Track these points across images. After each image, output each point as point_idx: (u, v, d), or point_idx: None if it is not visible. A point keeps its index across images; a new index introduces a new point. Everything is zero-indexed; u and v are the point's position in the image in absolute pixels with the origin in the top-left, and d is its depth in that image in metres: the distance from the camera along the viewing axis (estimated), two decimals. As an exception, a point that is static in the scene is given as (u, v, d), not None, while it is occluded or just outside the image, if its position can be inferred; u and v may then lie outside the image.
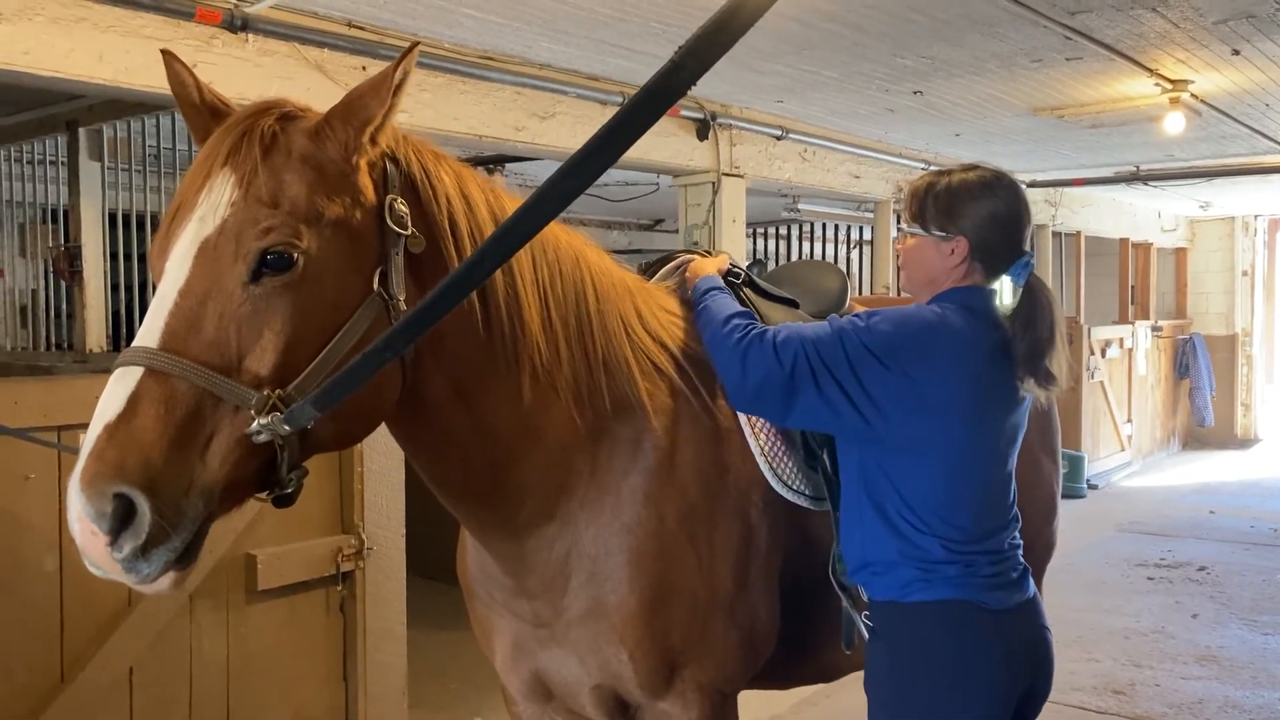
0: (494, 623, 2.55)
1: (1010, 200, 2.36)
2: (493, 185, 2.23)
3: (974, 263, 2.34)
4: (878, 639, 2.35)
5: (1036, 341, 2.28)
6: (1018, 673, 2.29)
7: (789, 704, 5.33)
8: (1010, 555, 2.35)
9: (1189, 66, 6.10)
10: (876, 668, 2.36)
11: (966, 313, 2.29)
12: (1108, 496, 11.30)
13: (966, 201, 2.33)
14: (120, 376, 1.71)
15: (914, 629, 2.28)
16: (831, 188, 8.10)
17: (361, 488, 4.50)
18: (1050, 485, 3.44)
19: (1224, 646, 6.37)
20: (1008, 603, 2.29)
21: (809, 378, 2.23)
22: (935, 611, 2.26)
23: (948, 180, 2.38)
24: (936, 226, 2.35)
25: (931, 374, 2.22)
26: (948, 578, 2.25)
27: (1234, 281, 14.82)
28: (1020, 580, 2.35)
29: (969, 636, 2.26)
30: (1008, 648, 2.28)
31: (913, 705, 2.28)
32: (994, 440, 2.32)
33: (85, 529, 1.62)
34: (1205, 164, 9.82)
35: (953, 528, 2.26)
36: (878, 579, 2.32)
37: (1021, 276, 2.33)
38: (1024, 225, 2.38)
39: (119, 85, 4.06)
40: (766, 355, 2.26)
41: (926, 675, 2.26)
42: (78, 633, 3.79)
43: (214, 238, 1.77)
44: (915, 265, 2.41)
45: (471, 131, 5.33)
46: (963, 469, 2.27)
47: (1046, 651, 2.38)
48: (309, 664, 4.42)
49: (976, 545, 2.28)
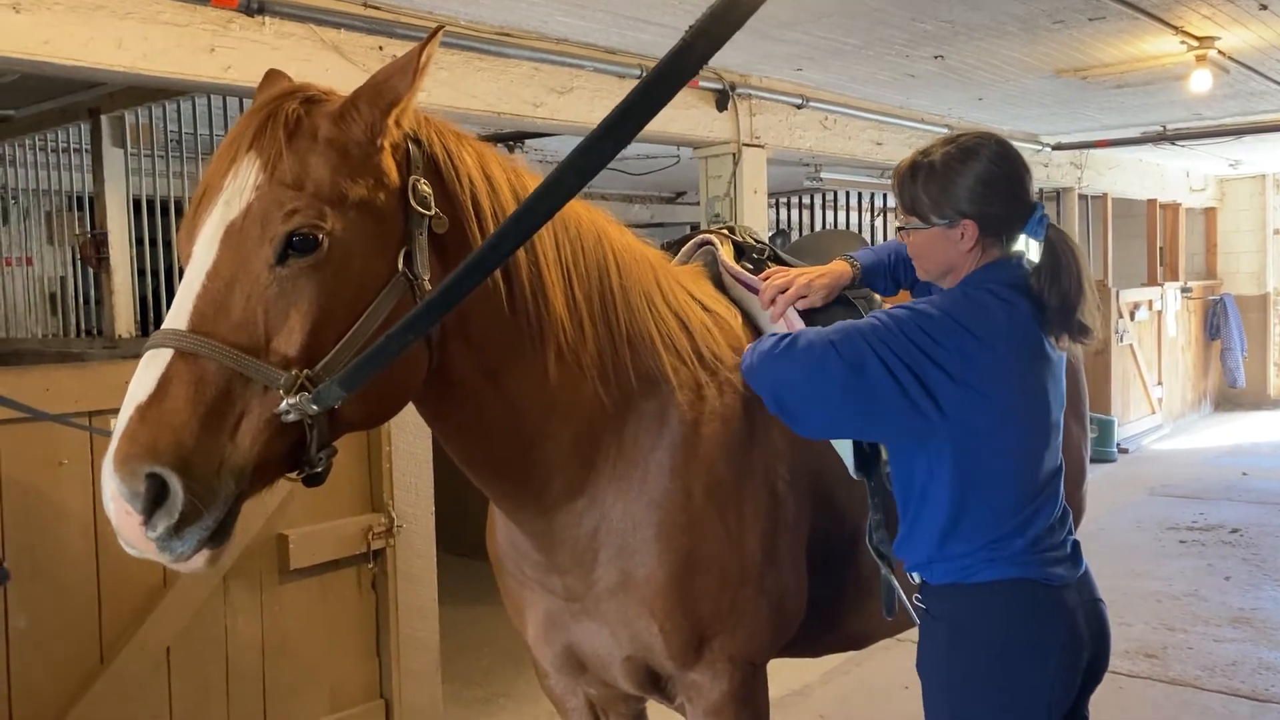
0: (525, 597, 2.57)
1: (1001, 161, 2.25)
2: (514, 164, 2.23)
3: (988, 238, 2.25)
4: (935, 622, 2.29)
5: (1065, 295, 2.20)
6: (1082, 644, 2.25)
7: (819, 673, 5.35)
8: (1062, 528, 2.30)
9: (1215, 23, 6.00)
10: (935, 650, 2.30)
11: (1002, 288, 2.21)
12: (1138, 460, 11.23)
13: (958, 179, 2.22)
14: (150, 359, 1.73)
15: (978, 610, 2.22)
16: (854, 155, 8.04)
17: (390, 466, 4.53)
18: (1079, 450, 3.42)
19: (1257, 609, 6.33)
20: (1068, 578, 2.25)
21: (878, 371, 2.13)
22: (999, 591, 2.21)
23: (931, 160, 2.26)
24: (936, 215, 2.25)
25: (983, 353, 2.15)
26: (1010, 556, 2.20)
27: (1265, 240, 14.62)
28: (1074, 554, 2.31)
29: (1035, 614, 2.20)
30: (1071, 622, 2.23)
31: (979, 687, 2.22)
32: (1045, 409, 2.26)
33: (120, 509, 1.65)
34: (1234, 122, 9.68)
35: (1013, 504, 2.20)
36: (937, 565, 2.27)
37: (1040, 231, 2.23)
38: (1021, 181, 2.28)
39: (138, 71, 4.08)
40: (824, 353, 2.16)
41: (993, 656, 2.20)
42: (115, 615, 3.84)
43: (240, 221, 1.78)
44: (928, 257, 2.32)
45: (490, 108, 5.32)
46: (1021, 443, 2.21)
47: (1104, 623, 2.33)
48: (342, 641, 4.47)
49: (1036, 520, 2.23)
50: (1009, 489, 2.21)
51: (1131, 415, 11.91)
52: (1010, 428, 2.20)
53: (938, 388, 2.14)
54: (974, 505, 2.21)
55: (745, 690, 2.44)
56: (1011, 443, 2.20)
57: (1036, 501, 2.24)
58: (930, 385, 2.14)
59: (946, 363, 2.14)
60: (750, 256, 2.70)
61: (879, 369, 2.14)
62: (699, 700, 2.44)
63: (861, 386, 2.15)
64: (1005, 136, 2.35)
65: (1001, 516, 2.21)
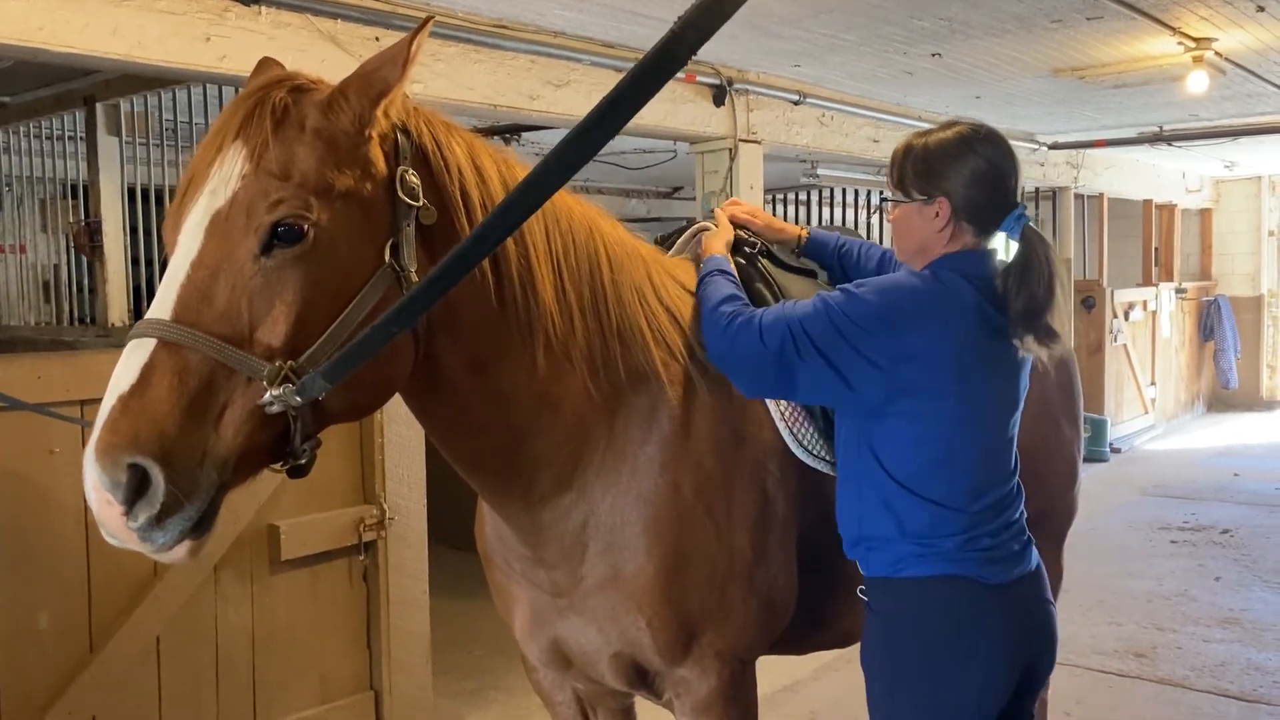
0: (513, 591, 2.56)
1: (992, 153, 2.26)
2: (505, 155, 2.22)
3: (961, 224, 2.25)
4: (873, 615, 2.32)
5: (1033, 298, 2.19)
6: (1017, 647, 2.24)
7: (810, 669, 5.36)
8: (1011, 528, 2.28)
9: (1212, 24, 6.00)
10: (873, 644, 2.32)
11: (956, 277, 2.21)
12: (1131, 460, 11.25)
13: (945, 160, 2.25)
14: (134, 348, 1.72)
15: (908, 605, 2.24)
16: (850, 152, 8.03)
17: (382, 458, 4.53)
18: (1071, 450, 3.42)
19: (1247, 609, 6.35)
20: (1006, 576, 2.24)
21: (794, 355, 2.19)
22: (929, 588, 2.22)
23: (925, 141, 2.31)
24: (917, 190, 2.27)
25: (920, 340, 2.16)
26: (942, 552, 2.20)
27: (1260, 242, 14.64)
28: (1022, 553, 2.29)
29: (965, 612, 2.21)
30: (1006, 623, 2.22)
31: (910, 681, 2.24)
32: (990, 407, 2.26)
33: (101, 499, 1.65)
34: (1230, 123, 9.67)
35: (947, 500, 2.20)
36: (873, 554, 2.28)
37: (1016, 230, 2.23)
38: (1010, 177, 2.28)
39: (134, 60, 4.06)
40: (752, 337, 2.23)
41: (922, 652, 2.22)
42: (105, 603, 3.84)
43: (225, 210, 1.77)
44: (903, 234, 2.34)
45: (486, 101, 5.31)
46: (957, 438, 2.21)
47: (1049, 625, 2.32)
48: (333, 633, 4.47)
49: (973, 518, 2.21)
50: (938, 482, 2.20)
51: (1125, 415, 11.92)
52: (945, 420, 2.19)
53: (860, 370, 2.17)
54: (895, 491, 2.21)
55: (734, 687, 2.44)
56: (943, 435, 2.20)
57: (976, 501, 2.22)
58: (850, 368, 2.17)
59: (869, 349, 2.16)
60: (743, 251, 2.70)
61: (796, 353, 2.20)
62: (687, 697, 2.44)
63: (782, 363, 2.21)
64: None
65: (929, 508, 2.20)
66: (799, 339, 2.19)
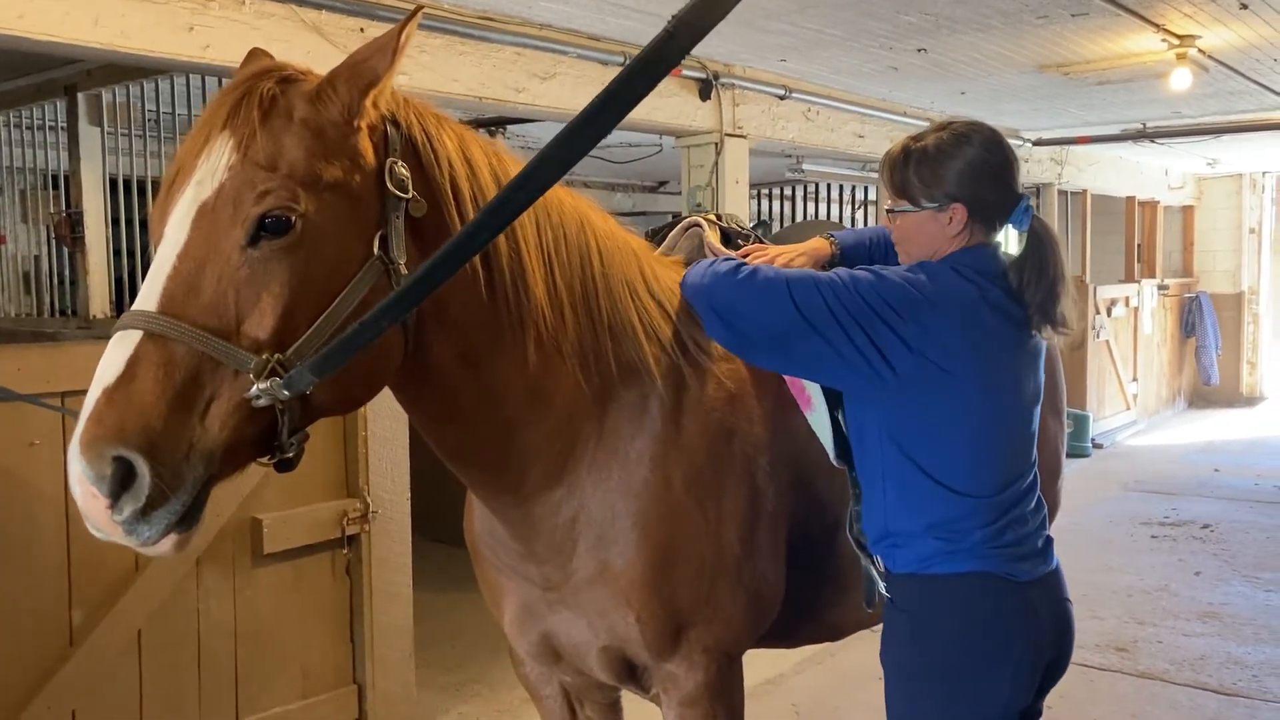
0: (502, 585, 2.55)
1: (992, 149, 2.26)
2: (496, 148, 2.20)
3: (974, 223, 2.25)
4: (898, 611, 2.28)
5: (1051, 286, 2.21)
6: (1043, 645, 2.23)
7: (793, 662, 5.38)
8: (1033, 523, 2.28)
9: (1196, 21, 6.02)
10: (896, 639, 2.29)
11: (972, 272, 2.21)
12: (1113, 455, 11.31)
13: (950, 163, 2.23)
14: (119, 340, 1.70)
15: (936, 602, 2.21)
16: (836, 148, 8.04)
17: (367, 451, 4.50)
18: (1055, 444, 3.42)
19: (1226, 603, 6.40)
20: (1033, 574, 2.22)
21: (828, 319, 2.13)
22: (959, 585, 2.19)
23: (923, 145, 2.27)
24: (927, 198, 2.25)
25: (944, 328, 2.14)
26: (969, 548, 2.18)
27: (1241, 239, 14.75)
28: (1044, 550, 2.29)
29: (994, 610, 2.19)
30: (1034, 620, 2.21)
31: (936, 683, 2.21)
32: (1015, 398, 2.26)
33: (85, 491, 1.63)
34: (1213, 121, 9.73)
35: (974, 489, 2.19)
36: (898, 551, 2.25)
37: (1024, 221, 2.24)
38: (1012, 170, 2.29)
39: (116, 49, 4.02)
40: (777, 291, 2.16)
41: (952, 653, 2.19)
42: (86, 597, 3.81)
43: (212, 201, 1.75)
44: (915, 241, 2.31)
45: (471, 93, 5.28)
46: (983, 428, 2.19)
47: (1069, 623, 2.32)
48: (316, 627, 4.45)
49: (999, 512, 2.20)
50: (964, 474, 2.19)
51: (1106, 411, 11.99)
52: (970, 410, 2.18)
53: (892, 351, 2.13)
54: (922, 484, 2.19)
55: (721, 681, 2.44)
56: (969, 425, 2.18)
57: (1002, 493, 2.22)
58: (884, 347, 2.13)
59: (903, 330, 2.13)
60: (735, 244, 2.69)
61: (829, 321, 2.13)
62: (674, 691, 2.43)
63: (811, 334, 2.14)
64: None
65: (956, 501, 2.18)
66: (833, 305, 2.14)
